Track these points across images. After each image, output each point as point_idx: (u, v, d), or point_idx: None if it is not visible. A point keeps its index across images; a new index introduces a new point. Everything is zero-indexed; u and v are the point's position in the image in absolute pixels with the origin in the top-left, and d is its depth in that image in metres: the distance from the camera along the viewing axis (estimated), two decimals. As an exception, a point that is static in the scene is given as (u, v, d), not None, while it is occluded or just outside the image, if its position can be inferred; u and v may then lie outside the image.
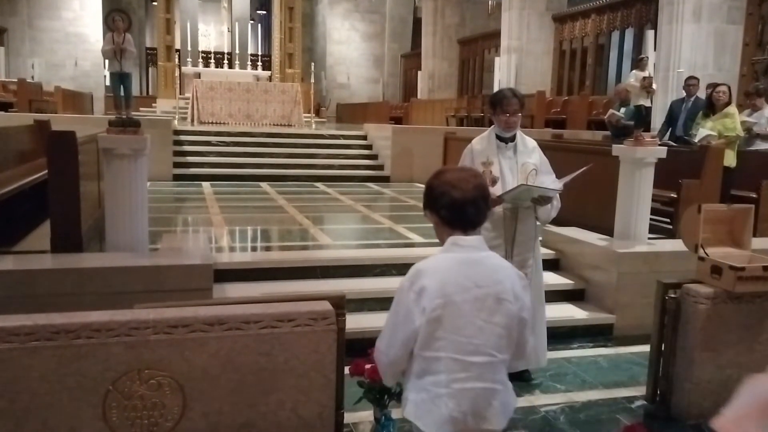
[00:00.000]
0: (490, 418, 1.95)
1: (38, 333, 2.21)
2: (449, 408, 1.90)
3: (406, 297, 1.94)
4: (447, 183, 2.00)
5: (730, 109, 6.68)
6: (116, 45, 10.38)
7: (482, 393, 1.92)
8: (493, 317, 1.93)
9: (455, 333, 1.90)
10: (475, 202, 1.97)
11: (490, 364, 1.94)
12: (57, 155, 4.06)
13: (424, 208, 2.09)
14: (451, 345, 1.90)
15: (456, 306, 1.90)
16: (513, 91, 3.62)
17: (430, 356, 1.91)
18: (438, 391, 1.90)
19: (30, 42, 19.60)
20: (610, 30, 14.38)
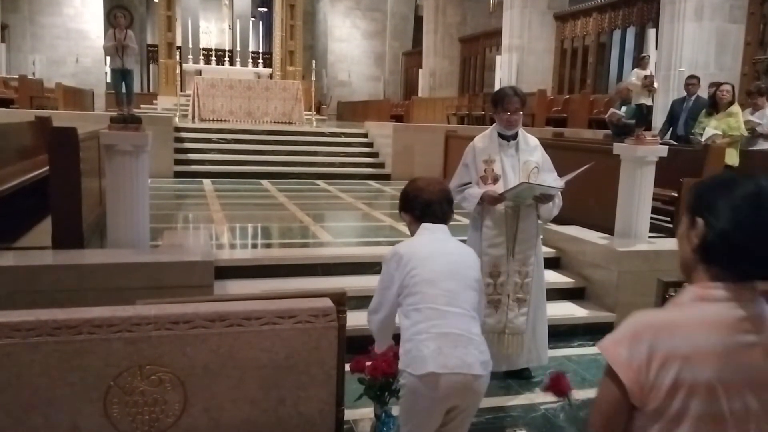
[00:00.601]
0: (471, 362, 2.21)
1: (40, 328, 2.21)
2: (430, 349, 2.19)
3: (387, 266, 2.42)
4: (417, 188, 2.51)
5: (733, 108, 6.68)
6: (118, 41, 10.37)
7: (459, 338, 2.22)
8: (464, 279, 2.33)
9: (431, 286, 2.27)
10: (440, 202, 2.47)
11: (464, 316, 2.27)
12: (58, 152, 4.07)
13: (400, 211, 2.58)
14: (429, 297, 2.26)
15: (429, 265, 2.30)
16: (514, 90, 3.62)
17: (412, 309, 2.27)
18: (420, 337, 2.22)
19: (31, 38, 19.60)
20: (612, 28, 14.37)
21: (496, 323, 3.63)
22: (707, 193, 1.32)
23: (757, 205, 1.24)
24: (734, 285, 1.26)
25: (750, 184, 1.27)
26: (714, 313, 1.25)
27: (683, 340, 1.24)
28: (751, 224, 1.23)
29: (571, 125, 12.52)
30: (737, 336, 1.24)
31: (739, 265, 1.25)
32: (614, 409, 1.30)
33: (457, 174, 3.71)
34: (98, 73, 19.95)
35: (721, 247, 1.25)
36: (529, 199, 3.51)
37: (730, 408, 1.24)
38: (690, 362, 1.23)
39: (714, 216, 1.26)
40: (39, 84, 14.59)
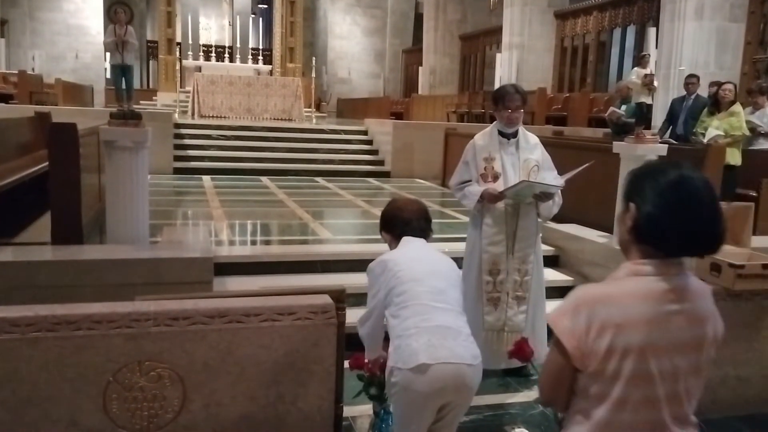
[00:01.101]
0: (461, 353, 2.24)
1: (39, 324, 2.22)
2: (420, 342, 2.22)
3: (373, 274, 2.50)
4: (396, 208, 2.64)
5: (735, 107, 6.66)
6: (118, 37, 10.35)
7: (448, 330, 2.27)
8: (448, 278, 2.43)
9: (418, 284, 2.34)
10: (419, 219, 2.58)
11: (451, 311, 2.33)
12: (58, 147, 4.06)
13: (380, 230, 2.69)
14: (416, 293, 2.32)
15: (414, 266, 2.40)
16: (515, 87, 3.62)
17: (401, 307, 2.32)
18: (409, 332, 2.26)
19: (31, 34, 19.57)
20: (612, 27, 14.35)
21: (496, 321, 3.63)
22: (638, 180, 1.48)
23: (679, 191, 1.41)
24: (662, 261, 1.43)
25: (674, 172, 1.44)
26: (644, 286, 1.42)
27: (617, 310, 1.41)
28: (673, 208, 1.40)
29: (571, 124, 12.51)
30: (664, 305, 1.42)
31: (665, 243, 1.42)
32: (559, 373, 1.49)
33: (458, 171, 3.71)
34: (98, 68, 19.92)
35: (648, 228, 1.42)
36: (529, 197, 3.51)
37: (659, 368, 1.42)
38: (622, 329, 1.40)
39: (643, 200, 1.43)
40: (39, 79, 14.57)
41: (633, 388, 1.42)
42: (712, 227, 1.42)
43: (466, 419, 3.11)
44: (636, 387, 1.42)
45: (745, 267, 3.22)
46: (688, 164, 1.49)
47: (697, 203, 1.41)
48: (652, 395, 1.44)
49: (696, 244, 1.43)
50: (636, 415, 1.44)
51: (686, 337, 1.44)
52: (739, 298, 3.32)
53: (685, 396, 1.48)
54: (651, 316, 1.41)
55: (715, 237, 1.42)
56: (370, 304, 2.52)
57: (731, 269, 3.22)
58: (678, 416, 1.48)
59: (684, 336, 1.44)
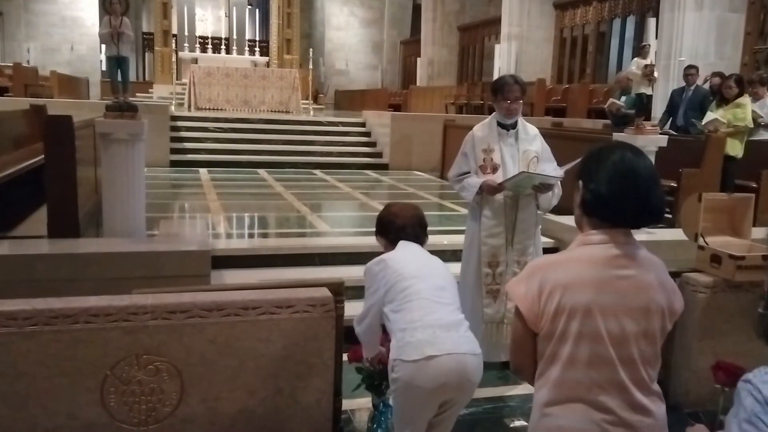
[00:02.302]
0: (464, 344, 2.25)
1: (36, 318, 2.20)
2: (425, 334, 2.23)
3: (372, 273, 2.48)
4: (392, 214, 2.64)
5: (742, 99, 6.61)
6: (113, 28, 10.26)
7: (451, 323, 2.28)
8: (446, 277, 2.45)
9: (420, 281, 2.35)
10: (413, 226, 2.59)
11: (453, 308, 2.36)
12: (53, 140, 4.03)
13: (376, 235, 2.68)
14: (420, 290, 2.33)
15: (414, 265, 2.41)
16: (515, 78, 3.59)
17: (404, 302, 2.32)
18: (414, 324, 2.26)
19: (25, 26, 19.44)
20: (612, 17, 14.29)
21: (495, 313, 3.62)
22: (589, 161, 1.64)
23: (618, 168, 1.56)
24: (608, 230, 1.56)
25: (617, 152, 1.59)
26: (591, 252, 1.56)
27: (565, 272, 1.55)
28: (614, 183, 1.54)
29: (570, 115, 12.48)
30: (610, 270, 1.54)
31: (610, 215, 1.56)
32: (521, 338, 1.62)
33: (456, 163, 3.69)
34: (93, 60, 19.79)
35: (594, 201, 1.57)
36: (529, 189, 3.49)
37: (606, 328, 1.53)
38: (569, 290, 1.53)
39: (589, 178, 1.59)
40: (34, 72, 14.50)
41: (581, 347, 1.53)
42: (650, 200, 1.55)
43: (465, 412, 3.11)
44: (584, 345, 1.53)
45: (745, 258, 3.21)
46: (630, 145, 1.65)
47: (635, 178, 1.54)
48: (604, 354, 1.53)
49: (636, 215, 1.56)
50: (589, 373, 1.53)
51: (633, 301, 1.54)
52: (739, 289, 3.31)
53: (640, 361, 1.55)
54: (596, 278, 1.53)
55: (653, 209, 1.56)
56: (368, 302, 2.51)
57: (731, 260, 3.21)
58: (637, 380, 1.55)
59: (630, 300, 1.54)
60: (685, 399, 3.39)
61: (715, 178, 5.81)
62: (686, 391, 3.39)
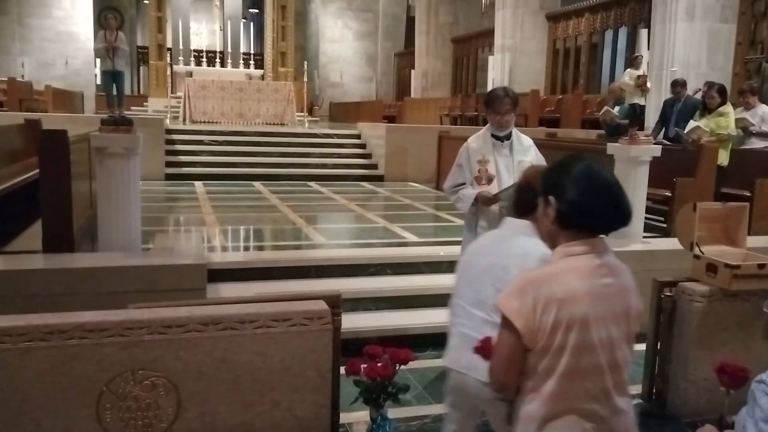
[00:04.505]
0: (478, 366, 2.08)
1: (31, 333, 2.19)
2: (452, 344, 2.29)
3: None
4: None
5: (725, 108, 6.68)
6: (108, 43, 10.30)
7: (473, 341, 2.10)
8: (498, 283, 2.16)
9: (468, 285, 2.30)
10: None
11: (486, 321, 2.19)
12: (48, 154, 4.03)
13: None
14: (464, 294, 2.31)
15: (473, 265, 2.34)
16: (506, 91, 3.60)
17: (454, 302, 2.36)
18: (451, 330, 2.32)
19: (20, 40, 19.45)
20: (604, 29, 14.40)
21: (492, 324, 3.61)
22: (551, 176, 1.69)
23: (589, 178, 1.62)
24: (588, 240, 1.62)
25: (581, 163, 1.66)
26: (578, 264, 1.60)
27: (558, 286, 1.57)
28: (588, 192, 1.61)
29: (564, 125, 12.54)
30: (598, 279, 1.60)
31: (587, 224, 1.62)
32: (513, 352, 1.61)
33: (452, 175, 3.70)
34: (88, 75, 19.79)
35: (571, 213, 1.61)
36: (524, 200, 3.49)
37: (598, 337, 1.58)
38: (565, 303, 1.55)
39: (560, 192, 1.62)
40: (28, 86, 14.48)
41: (578, 358, 1.57)
42: (622, 205, 1.64)
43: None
44: (581, 357, 1.57)
45: (741, 267, 3.22)
46: (588, 156, 1.74)
47: (606, 186, 1.63)
48: (596, 364, 1.59)
49: (612, 221, 1.64)
50: (583, 384, 1.59)
51: (618, 307, 1.62)
52: (735, 298, 3.32)
53: (623, 364, 1.65)
54: (589, 289, 1.58)
55: (626, 213, 1.64)
56: None
57: (727, 270, 3.22)
58: (619, 384, 1.64)
59: (616, 307, 1.62)
60: (683, 409, 3.38)
61: (709, 187, 5.83)
62: (684, 401, 3.38)
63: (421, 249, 5.34)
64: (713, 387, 3.26)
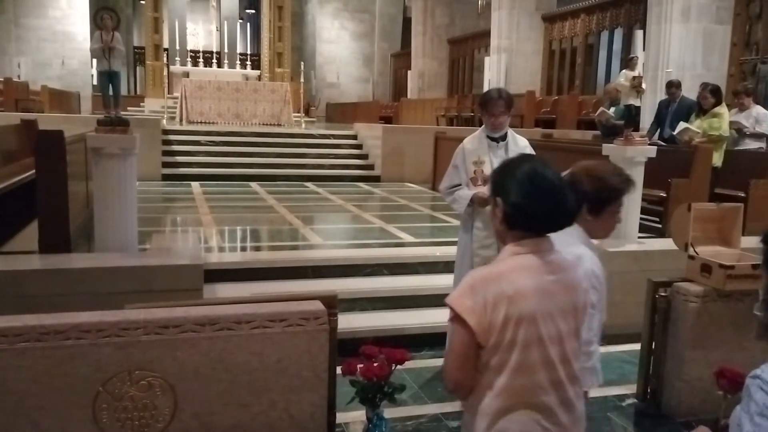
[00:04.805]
0: None
1: (27, 334, 2.19)
2: None
3: None
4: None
5: (719, 109, 6.71)
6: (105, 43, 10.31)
7: None
8: None
9: None
10: None
11: None
12: (45, 155, 4.02)
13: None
14: None
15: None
16: (500, 93, 3.61)
17: None
18: None
19: (16, 41, 19.41)
20: (600, 30, 14.44)
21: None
22: (500, 178, 1.75)
23: (533, 180, 1.68)
24: (534, 240, 1.69)
25: (526, 165, 1.72)
26: (525, 262, 1.67)
27: (507, 284, 1.63)
28: (531, 194, 1.66)
29: (560, 126, 12.57)
30: (544, 276, 1.67)
31: (532, 224, 1.68)
32: (466, 350, 1.65)
33: (447, 175, 3.71)
34: (84, 75, 19.77)
35: (515, 215, 1.69)
36: (520, 200, 3.51)
37: (547, 332, 1.65)
38: (514, 300, 1.62)
39: (507, 194, 1.70)
40: (24, 86, 14.46)
41: (528, 353, 1.63)
42: (564, 204, 1.70)
43: (454, 424, 3.11)
44: (530, 351, 1.64)
45: (735, 267, 3.24)
46: (534, 158, 1.82)
47: (550, 187, 1.68)
48: (546, 358, 1.66)
49: (555, 221, 1.70)
50: (534, 378, 1.65)
51: (565, 303, 1.69)
52: (729, 298, 3.34)
53: (572, 357, 1.71)
54: (536, 286, 1.65)
55: (567, 212, 1.71)
56: None
57: (721, 270, 3.24)
58: (570, 376, 1.71)
59: (563, 302, 1.69)
60: (678, 409, 3.40)
61: (703, 188, 5.86)
62: (678, 402, 3.40)
63: (418, 249, 5.35)
64: (708, 387, 3.28)
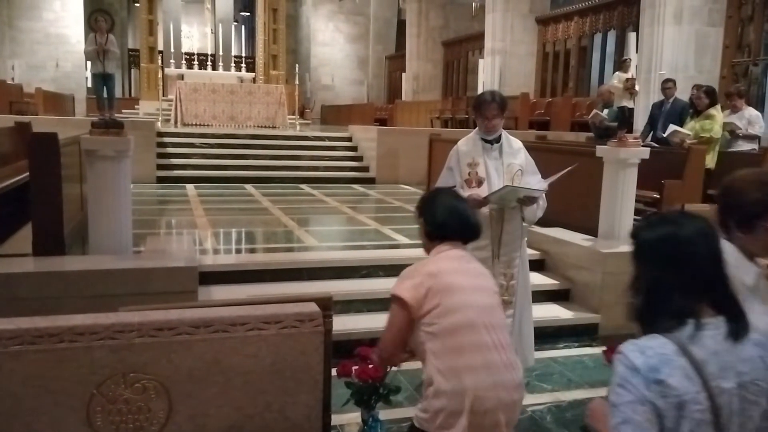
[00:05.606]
0: None
1: (21, 337, 2.18)
2: None
3: None
4: None
5: (712, 110, 6.74)
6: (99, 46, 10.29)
7: None
8: None
9: None
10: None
11: None
12: (39, 157, 4.01)
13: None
14: None
15: None
16: (493, 95, 3.61)
17: None
18: None
19: (10, 43, 19.35)
20: (593, 32, 14.50)
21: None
22: (424, 203, 2.48)
23: (446, 205, 2.41)
24: (450, 243, 2.34)
25: (440, 195, 2.51)
26: (446, 255, 2.32)
27: (432, 266, 2.27)
28: (446, 214, 2.37)
29: (554, 128, 12.61)
30: (461, 263, 2.31)
31: (447, 235, 2.35)
32: (403, 324, 2.19)
33: (442, 177, 3.72)
34: (78, 77, 19.72)
35: (436, 229, 2.38)
36: (514, 202, 3.52)
37: (467, 301, 2.16)
38: (436, 277, 2.19)
39: (426, 215, 2.41)
40: (18, 89, 14.40)
41: (463, 337, 2.10)
42: (470, 221, 2.40)
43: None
44: (451, 318, 2.12)
45: (727, 268, 3.25)
46: (447, 189, 2.62)
47: (455, 208, 2.40)
48: (481, 341, 2.11)
49: (464, 233, 2.38)
50: (468, 338, 2.11)
51: (481, 282, 2.29)
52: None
53: (501, 325, 2.24)
54: (455, 267, 2.26)
55: (474, 227, 2.42)
56: None
57: (714, 270, 3.24)
58: (504, 342, 2.18)
59: (480, 282, 2.29)
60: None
61: (696, 189, 5.89)
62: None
63: (412, 251, 5.34)
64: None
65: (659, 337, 1.46)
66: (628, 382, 1.42)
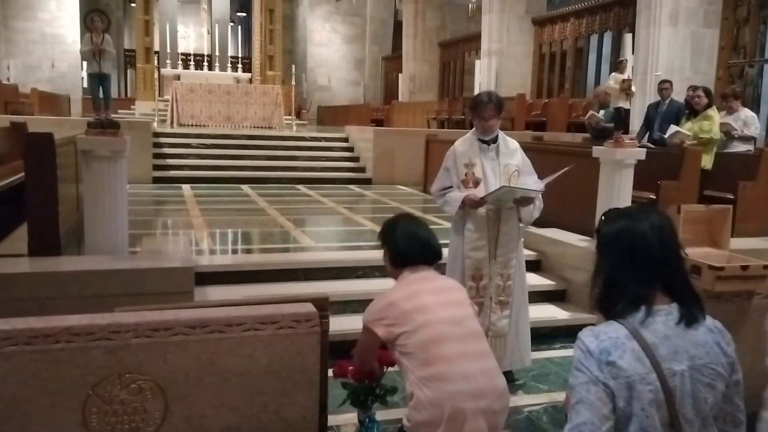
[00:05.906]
0: None
1: (16, 337, 2.17)
2: None
3: None
4: None
5: (710, 111, 6.75)
6: (95, 46, 10.27)
7: None
8: None
9: None
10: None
11: None
12: (34, 158, 4.00)
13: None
14: None
15: None
16: (490, 96, 3.61)
17: None
18: None
19: (5, 43, 19.29)
20: (589, 33, 14.53)
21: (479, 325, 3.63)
22: (386, 231, 2.63)
23: (404, 231, 2.57)
24: (413, 268, 2.50)
25: (401, 223, 2.63)
26: (410, 279, 2.47)
27: (403, 289, 2.43)
28: (407, 242, 2.53)
29: (550, 129, 12.63)
30: (425, 284, 2.45)
31: (410, 261, 2.51)
32: (372, 345, 2.50)
33: (439, 178, 3.72)
34: (74, 77, 19.66)
35: (399, 257, 2.54)
36: (510, 202, 3.52)
37: (440, 316, 2.30)
38: (397, 305, 2.35)
39: (389, 243, 2.58)
40: (14, 89, 14.35)
41: (435, 351, 2.22)
42: (431, 245, 2.55)
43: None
44: (426, 333, 2.25)
45: (724, 269, 3.26)
46: (407, 214, 2.71)
47: (415, 235, 2.55)
48: (454, 352, 2.22)
49: (426, 257, 2.53)
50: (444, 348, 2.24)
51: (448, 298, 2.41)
52: (719, 299, 3.35)
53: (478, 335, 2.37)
54: (421, 287, 2.41)
55: (435, 251, 2.57)
56: None
57: (711, 271, 3.26)
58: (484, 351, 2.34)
59: (447, 297, 2.41)
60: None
61: (692, 190, 5.90)
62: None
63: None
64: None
65: (614, 323, 1.57)
66: (583, 365, 1.52)
